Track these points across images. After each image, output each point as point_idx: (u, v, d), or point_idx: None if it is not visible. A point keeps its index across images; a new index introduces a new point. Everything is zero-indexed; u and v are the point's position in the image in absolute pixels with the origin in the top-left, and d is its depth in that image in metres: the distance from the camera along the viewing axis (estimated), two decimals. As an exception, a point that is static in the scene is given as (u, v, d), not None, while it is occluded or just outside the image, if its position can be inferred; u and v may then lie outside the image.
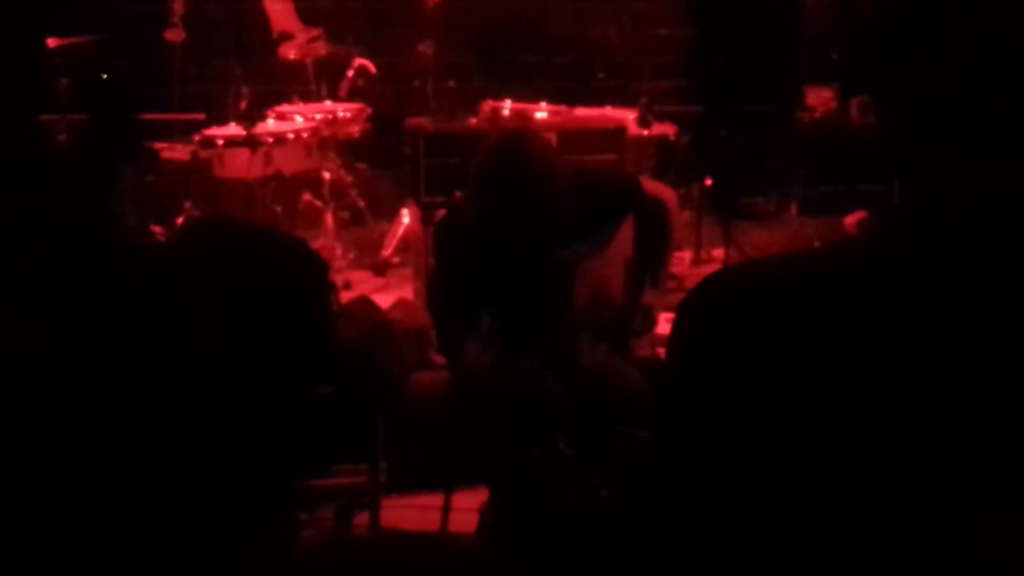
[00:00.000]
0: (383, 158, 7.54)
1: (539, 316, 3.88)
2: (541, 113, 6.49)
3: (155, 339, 1.51)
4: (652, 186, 4.32)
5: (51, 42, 6.44)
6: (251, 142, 6.60)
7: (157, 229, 6.62)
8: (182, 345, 1.54)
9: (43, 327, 1.47)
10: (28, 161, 1.55)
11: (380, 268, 6.92)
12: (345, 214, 7.39)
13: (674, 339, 1.31)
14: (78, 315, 1.48)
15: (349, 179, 7.40)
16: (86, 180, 1.90)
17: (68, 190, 1.63)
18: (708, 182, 7.19)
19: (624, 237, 4.00)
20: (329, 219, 7.09)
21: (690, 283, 6.71)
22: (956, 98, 1.18)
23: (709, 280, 1.33)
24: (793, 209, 8.12)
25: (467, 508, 3.76)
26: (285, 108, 7.29)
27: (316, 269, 1.93)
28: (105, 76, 6.63)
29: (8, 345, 1.46)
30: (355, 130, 7.30)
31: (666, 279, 4.24)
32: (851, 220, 7.65)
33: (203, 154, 6.70)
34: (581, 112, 6.74)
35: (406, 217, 6.78)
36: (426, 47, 7.11)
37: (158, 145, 6.97)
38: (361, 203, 7.44)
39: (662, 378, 1.34)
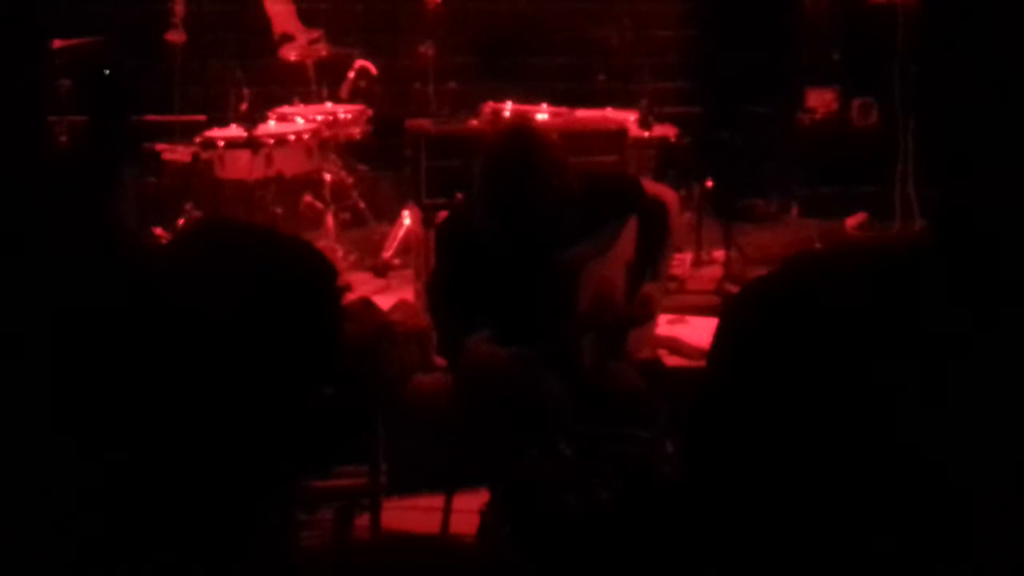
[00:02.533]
0: (384, 160, 7.54)
1: (541, 317, 3.88)
2: (542, 115, 6.49)
3: (157, 340, 1.51)
4: (653, 187, 4.32)
5: (53, 43, 6.45)
6: (252, 143, 6.60)
7: (158, 231, 6.62)
8: (184, 346, 1.54)
9: (45, 328, 1.47)
10: (32, 162, 1.55)
11: (381, 270, 6.92)
12: (346, 215, 7.39)
13: (723, 338, 1.30)
14: (79, 316, 1.48)
15: (350, 180, 7.40)
16: (87, 181, 1.90)
17: (69, 191, 1.63)
18: (709, 183, 7.18)
19: (626, 239, 4.00)
20: (330, 221, 7.09)
21: (691, 284, 6.73)
22: (1010, 107, 1.17)
23: (760, 281, 1.33)
24: (794, 210, 8.11)
25: (468, 509, 3.76)
26: (286, 109, 7.28)
27: (322, 271, 1.92)
28: (107, 72, 6.64)
29: (9, 346, 1.46)
30: (356, 131, 7.30)
31: (666, 274, 4.25)
32: (852, 222, 7.65)
33: (204, 155, 6.70)
34: (582, 114, 6.73)
35: (407, 219, 6.78)
36: (427, 48, 7.10)
37: (159, 146, 6.97)
38: (362, 205, 7.44)
39: (709, 373, 1.32)
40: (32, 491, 1.44)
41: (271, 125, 7.00)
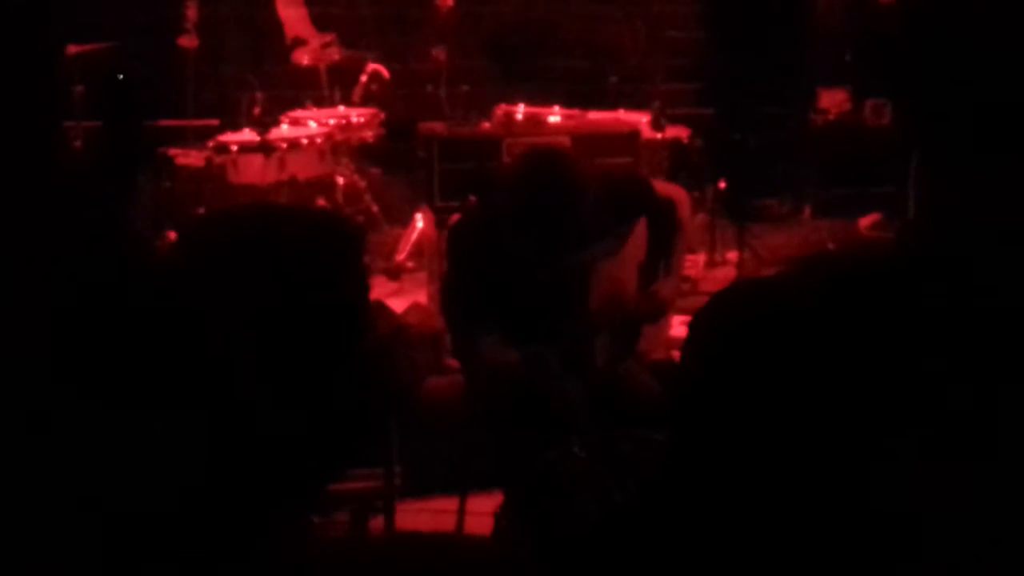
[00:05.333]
0: (397, 163, 7.54)
1: (554, 317, 3.88)
2: (554, 117, 6.49)
3: (173, 346, 1.52)
4: (664, 187, 4.34)
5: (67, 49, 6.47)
6: (265, 148, 6.61)
7: (172, 235, 6.63)
8: (200, 351, 1.54)
9: (59, 333, 1.48)
10: (47, 168, 1.56)
11: (394, 273, 6.93)
12: (359, 219, 7.39)
13: (688, 351, 1.31)
14: (93, 322, 1.48)
15: (363, 184, 7.41)
16: (101, 186, 1.91)
17: (84, 196, 1.63)
18: (722, 185, 7.18)
19: (637, 240, 4.01)
20: (343, 224, 7.08)
21: (704, 286, 6.72)
22: (987, 106, 1.17)
23: (724, 293, 1.33)
24: (807, 211, 8.10)
25: (482, 512, 3.76)
26: (299, 113, 7.30)
27: (344, 249, 1.87)
28: (121, 77, 6.65)
29: (24, 352, 1.47)
30: (369, 135, 7.31)
31: (679, 270, 4.26)
32: (865, 222, 7.64)
33: (217, 160, 6.71)
34: (594, 116, 6.74)
35: (420, 222, 6.79)
36: (439, 52, 7.11)
37: (172, 151, 6.98)
38: (375, 208, 7.45)
39: (676, 387, 1.34)
40: (41, 493, 1.44)
41: (284, 129, 7.01)
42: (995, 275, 1.18)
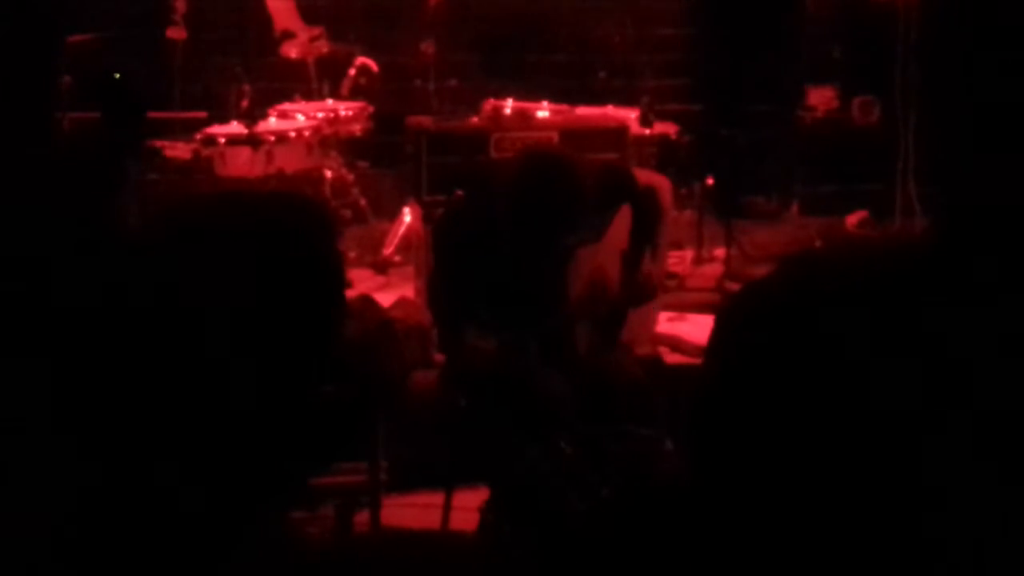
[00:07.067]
0: (385, 157, 7.54)
1: (536, 305, 3.90)
2: (543, 112, 6.48)
3: (161, 338, 1.51)
4: (646, 176, 4.36)
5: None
6: (253, 140, 6.60)
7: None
8: (188, 343, 1.54)
9: (44, 324, 1.47)
10: (40, 158, 1.55)
11: (381, 267, 6.92)
12: (347, 212, 7.38)
13: (715, 347, 1.29)
14: (80, 313, 1.48)
15: (351, 178, 7.40)
16: (96, 177, 1.90)
17: (79, 186, 1.63)
18: (709, 181, 7.18)
19: (620, 228, 4.02)
20: (330, 217, 7.07)
21: (691, 282, 6.73)
22: (987, 106, 1.17)
23: (753, 286, 1.32)
24: (794, 208, 8.11)
25: (468, 507, 3.76)
26: (287, 106, 7.29)
27: (320, 234, 1.87)
28: (117, 75, 6.64)
29: (11, 343, 1.46)
30: (357, 129, 7.30)
31: (663, 255, 4.29)
32: (852, 220, 7.65)
33: (205, 152, 6.70)
34: (583, 111, 6.73)
35: (407, 216, 6.78)
36: (428, 46, 7.11)
37: (160, 143, 6.97)
38: (362, 201, 7.44)
39: (701, 384, 1.32)
40: (31, 492, 1.44)
41: (272, 122, 7.00)
42: (996, 273, 1.18)
